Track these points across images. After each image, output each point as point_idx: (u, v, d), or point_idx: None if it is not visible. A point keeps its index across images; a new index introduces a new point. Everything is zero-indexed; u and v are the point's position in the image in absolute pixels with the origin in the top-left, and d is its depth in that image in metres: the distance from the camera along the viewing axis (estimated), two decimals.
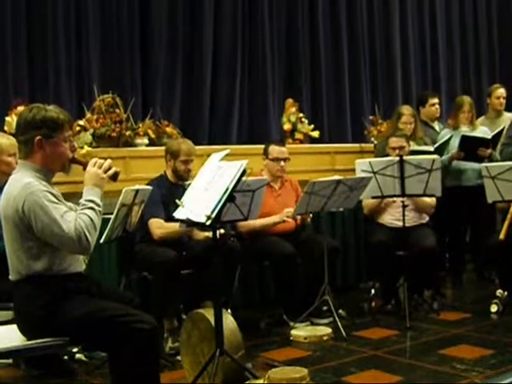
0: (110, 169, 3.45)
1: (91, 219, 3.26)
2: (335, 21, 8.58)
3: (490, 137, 6.60)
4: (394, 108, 7.25)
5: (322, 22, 8.41)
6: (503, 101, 7.41)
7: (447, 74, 9.76)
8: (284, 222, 5.61)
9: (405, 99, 8.96)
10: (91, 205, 3.32)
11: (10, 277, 3.38)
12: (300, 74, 8.21)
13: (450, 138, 6.66)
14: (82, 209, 3.30)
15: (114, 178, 3.49)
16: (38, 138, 3.31)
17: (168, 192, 5.28)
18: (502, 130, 6.69)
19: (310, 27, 8.37)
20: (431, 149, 6.44)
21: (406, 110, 6.79)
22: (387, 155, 6.07)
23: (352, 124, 8.52)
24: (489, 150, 6.48)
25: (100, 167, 3.43)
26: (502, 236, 5.41)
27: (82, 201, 3.35)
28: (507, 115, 7.37)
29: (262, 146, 6.01)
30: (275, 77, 8.03)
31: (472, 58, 10.09)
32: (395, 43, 9.12)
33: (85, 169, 3.46)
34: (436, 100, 7.41)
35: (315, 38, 8.38)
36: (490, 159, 6.49)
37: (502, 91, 7.40)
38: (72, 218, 3.22)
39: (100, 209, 3.35)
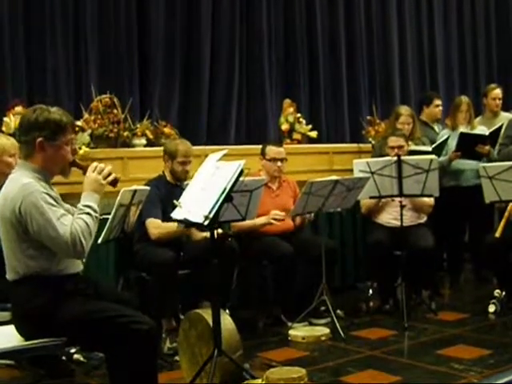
0: (109, 175, 3.45)
1: (87, 224, 3.26)
2: (333, 21, 8.57)
3: (487, 133, 6.61)
4: (392, 108, 7.24)
5: (319, 22, 8.41)
6: (499, 102, 7.38)
7: (445, 74, 9.76)
8: (271, 224, 5.59)
9: (402, 99, 8.96)
10: (88, 210, 3.31)
11: (8, 276, 3.38)
12: (298, 75, 8.21)
13: (447, 139, 6.66)
14: (78, 213, 3.30)
15: (114, 184, 3.49)
16: (40, 139, 3.31)
17: (166, 192, 5.27)
18: (500, 127, 6.69)
19: (307, 28, 8.36)
20: (429, 149, 6.45)
21: (405, 110, 6.78)
22: (384, 155, 6.07)
23: (350, 124, 8.52)
24: (487, 147, 6.49)
25: (100, 173, 3.42)
26: (497, 234, 5.42)
27: (79, 206, 3.35)
28: (504, 115, 7.35)
29: (260, 147, 6.01)
30: (273, 77, 8.02)
31: (470, 58, 10.08)
32: (393, 43, 9.11)
33: (84, 173, 3.45)
34: (440, 101, 7.42)
35: (313, 38, 8.37)
36: (489, 157, 6.50)
37: (497, 92, 7.37)
38: (68, 222, 3.22)
39: (97, 215, 3.35)
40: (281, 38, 8.16)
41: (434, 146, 6.61)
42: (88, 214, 3.30)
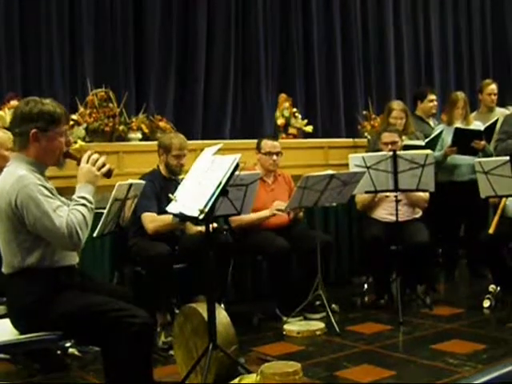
0: (103, 166, 3.45)
1: (83, 216, 3.26)
2: (329, 15, 8.57)
3: (482, 129, 6.61)
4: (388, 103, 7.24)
5: (315, 16, 8.40)
6: (494, 97, 7.39)
7: (440, 70, 9.77)
8: (274, 215, 5.60)
9: (398, 94, 8.96)
10: (83, 201, 3.32)
11: (3, 270, 3.38)
12: (293, 69, 8.20)
13: (440, 133, 6.67)
14: (74, 205, 3.30)
15: (108, 175, 3.49)
16: (34, 130, 3.31)
17: (161, 186, 5.27)
18: (495, 122, 6.69)
19: (303, 22, 8.35)
20: (422, 143, 6.46)
21: (397, 105, 6.79)
22: (379, 150, 6.07)
23: (345, 119, 8.52)
24: (482, 142, 6.50)
25: (94, 164, 3.42)
26: (491, 230, 5.43)
27: (74, 197, 3.35)
28: (499, 110, 7.36)
29: (256, 141, 6.01)
30: (269, 71, 8.01)
31: (465, 54, 10.09)
32: (389, 38, 9.11)
33: (78, 164, 3.46)
34: (434, 96, 7.42)
35: (309, 32, 8.37)
36: (484, 152, 6.51)
37: (493, 87, 7.38)
38: (64, 214, 3.22)
39: (92, 206, 3.36)
40: (277, 33, 8.16)
41: (427, 140, 6.61)
42: (83, 205, 3.30)
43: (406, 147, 6.10)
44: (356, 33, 8.80)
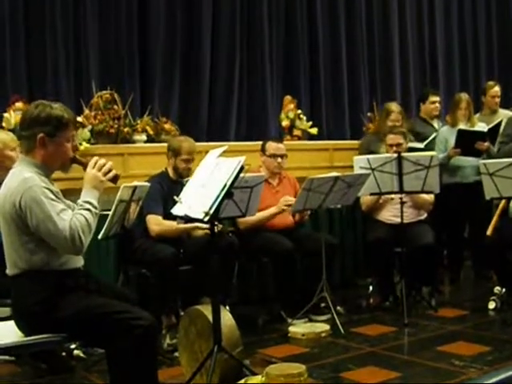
0: (109, 171, 3.45)
1: (87, 220, 3.26)
2: (334, 17, 8.56)
3: (486, 130, 6.60)
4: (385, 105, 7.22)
5: (320, 18, 8.39)
6: (498, 100, 7.37)
7: (445, 71, 9.75)
8: (283, 211, 5.60)
9: (403, 96, 8.95)
10: (88, 206, 3.32)
11: (8, 271, 3.38)
12: (298, 71, 8.20)
13: (435, 138, 6.71)
14: (78, 209, 3.30)
15: (114, 180, 3.49)
16: (41, 135, 3.31)
17: (168, 189, 5.26)
18: (499, 123, 6.69)
19: (308, 24, 8.34)
20: (421, 146, 6.48)
21: (395, 107, 6.79)
22: (373, 152, 6.08)
23: (350, 121, 8.51)
24: (486, 143, 6.49)
25: (100, 169, 3.42)
26: (489, 232, 5.42)
27: (79, 201, 3.35)
28: (503, 112, 7.34)
29: (261, 143, 6.01)
30: (273, 73, 8.01)
31: (471, 54, 10.07)
32: (393, 40, 9.10)
33: (85, 169, 3.45)
34: (437, 98, 7.39)
35: (314, 34, 8.36)
36: (488, 153, 6.50)
37: (496, 90, 7.36)
38: (68, 217, 3.22)
39: (97, 211, 3.35)
40: (282, 34, 8.15)
41: (425, 142, 6.64)
42: (88, 209, 3.30)
43: (410, 150, 6.11)
44: (361, 34, 8.79)
